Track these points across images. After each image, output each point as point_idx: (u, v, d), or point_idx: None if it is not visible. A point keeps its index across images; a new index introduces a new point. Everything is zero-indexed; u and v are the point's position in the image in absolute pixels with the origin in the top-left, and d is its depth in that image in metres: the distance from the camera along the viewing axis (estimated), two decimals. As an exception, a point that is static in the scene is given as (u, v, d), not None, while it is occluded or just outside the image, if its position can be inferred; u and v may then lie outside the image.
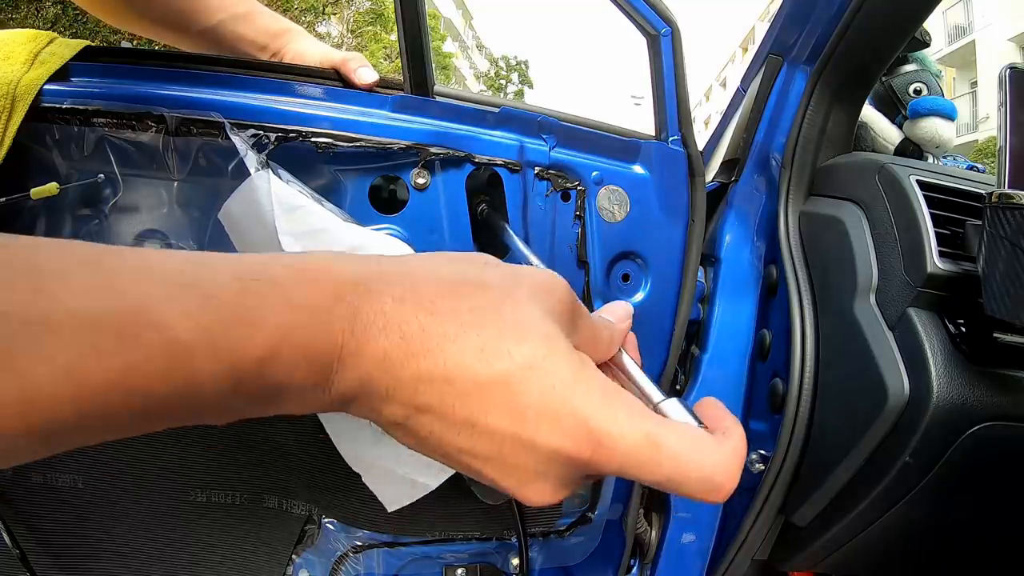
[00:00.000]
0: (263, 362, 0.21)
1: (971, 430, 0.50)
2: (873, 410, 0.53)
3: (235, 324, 0.20)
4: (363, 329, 0.22)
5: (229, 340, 0.20)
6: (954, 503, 0.55)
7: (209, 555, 0.64)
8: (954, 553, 0.61)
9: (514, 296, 0.25)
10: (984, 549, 0.61)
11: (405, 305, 0.23)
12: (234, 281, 0.21)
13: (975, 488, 0.54)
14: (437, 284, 0.24)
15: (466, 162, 0.56)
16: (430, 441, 0.24)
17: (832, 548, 0.62)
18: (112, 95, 0.50)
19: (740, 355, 0.69)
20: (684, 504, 0.70)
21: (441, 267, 0.25)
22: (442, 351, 0.23)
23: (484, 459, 0.24)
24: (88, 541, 0.61)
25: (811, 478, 0.61)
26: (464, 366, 0.23)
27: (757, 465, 0.67)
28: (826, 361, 0.61)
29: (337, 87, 0.56)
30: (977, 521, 0.58)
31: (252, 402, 0.22)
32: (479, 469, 0.25)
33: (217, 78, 0.53)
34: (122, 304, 0.18)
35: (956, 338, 0.52)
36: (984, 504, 0.56)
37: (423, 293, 0.23)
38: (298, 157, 0.52)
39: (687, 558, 0.72)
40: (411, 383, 0.23)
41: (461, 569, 0.69)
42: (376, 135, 0.53)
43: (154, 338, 0.18)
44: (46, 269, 0.18)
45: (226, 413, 0.22)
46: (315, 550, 0.66)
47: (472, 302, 0.24)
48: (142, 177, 0.52)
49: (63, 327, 0.17)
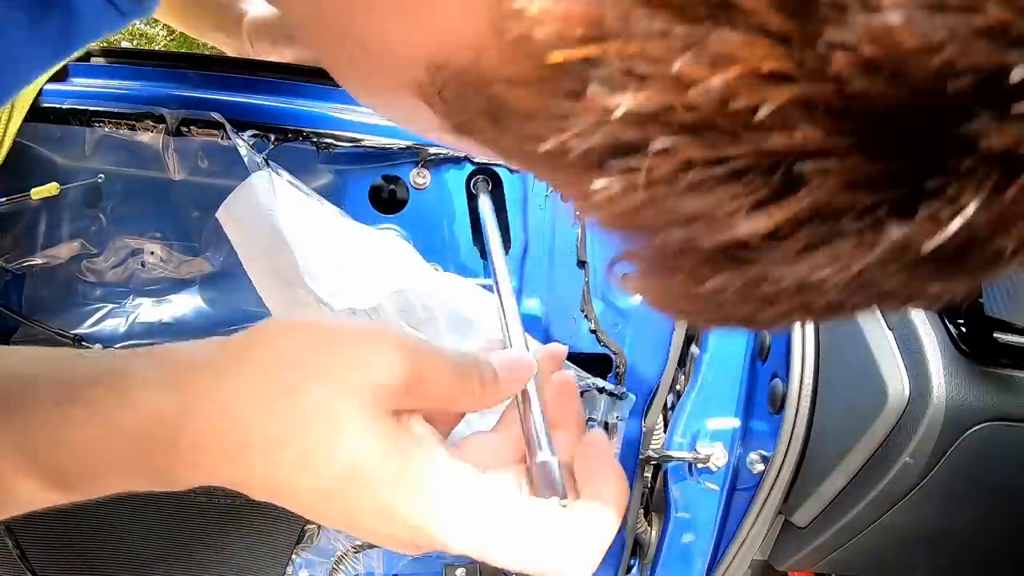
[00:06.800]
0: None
1: (971, 430, 0.50)
2: (873, 410, 0.53)
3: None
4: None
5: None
6: (954, 503, 0.55)
7: (209, 555, 0.64)
8: (954, 553, 0.61)
9: (321, 403, 0.24)
10: (984, 549, 0.61)
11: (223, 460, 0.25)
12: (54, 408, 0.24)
13: (975, 488, 0.54)
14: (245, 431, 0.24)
15: (466, 162, 0.56)
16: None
17: (832, 548, 0.62)
18: (112, 95, 0.50)
19: (740, 355, 0.69)
20: (684, 504, 0.70)
21: (248, 399, 0.24)
22: (265, 470, 0.24)
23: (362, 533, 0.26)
24: (88, 541, 0.61)
25: (811, 478, 0.61)
26: (291, 482, 0.24)
27: (757, 465, 0.67)
28: (826, 361, 0.61)
29: (337, 87, 0.56)
30: (977, 521, 0.58)
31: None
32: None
33: (217, 78, 0.53)
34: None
35: (956, 338, 0.52)
36: (984, 504, 0.56)
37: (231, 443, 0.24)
38: (298, 157, 0.52)
39: (687, 558, 0.72)
40: (234, 482, 0.26)
41: (461, 569, 0.69)
42: (376, 135, 0.53)
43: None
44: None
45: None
46: (315, 550, 0.66)
47: (282, 427, 0.24)
48: (142, 177, 0.52)
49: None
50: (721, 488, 0.69)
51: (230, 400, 0.24)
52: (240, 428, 0.23)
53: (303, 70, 0.56)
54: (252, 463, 0.24)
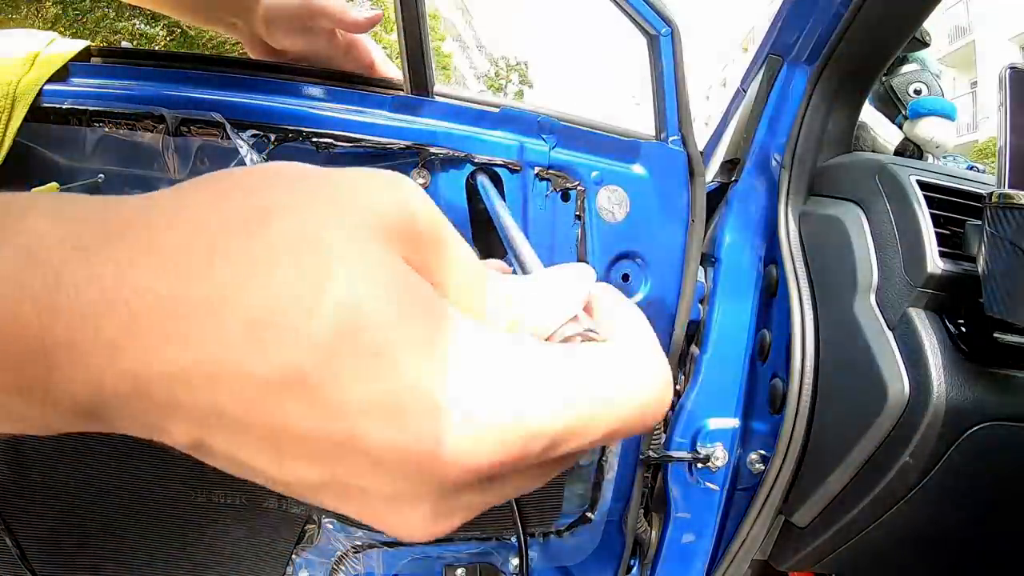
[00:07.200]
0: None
1: (971, 430, 0.50)
2: (873, 410, 0.53)
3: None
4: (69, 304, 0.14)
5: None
6: (954, 503, 0.55)
7: (209, 555, 0.64)
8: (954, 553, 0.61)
9: (304, 230, 0.16)
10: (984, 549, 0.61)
11: (135, 269, 0.15)
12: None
13: (975, 488, 0.54)
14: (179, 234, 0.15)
15: (466, 162, 0.56)
16: (227, 466, 0.17)
17: (832, 548, 0.62)
18: (112, 95, 0.50)
19: (740, 355, 0.69)
20: (684, 504, 0.70)
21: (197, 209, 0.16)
22: (216, 343, 0.15)
23: (310, 488, 0.17)
24: (88, 541, 0.61)
25: (811, 478, 0.61)
26: (254, 354, 0.15)
27: (757, 465, 0.67)
28: (826, 361, 0.61)
29: (337, 87, 0.56)
30: (977, 521, 0.58)
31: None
32: (314, 498, 0.17)
33: (217, 78, 0.53)
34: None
35: (956, 338, 0.52)
36: (984, 504, 0.56)
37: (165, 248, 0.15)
38: (298, 157, 0.52)
39: (687, 558, 0.72)
40: (161, 382, 0.15)
41: (461, 569, 0.69)
42: (376, 135, 0.53)
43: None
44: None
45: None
46: (315, 550, 0.66)
47: (244, 270, 0.15)
48: (142, 177, 0.52)
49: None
50: (721, 488, 0.69)
51: (161, 246, 0.15)
52: (178, 282, 0.15)
53: (303, 70, 0.57)
54: (194, 335, 0.14)
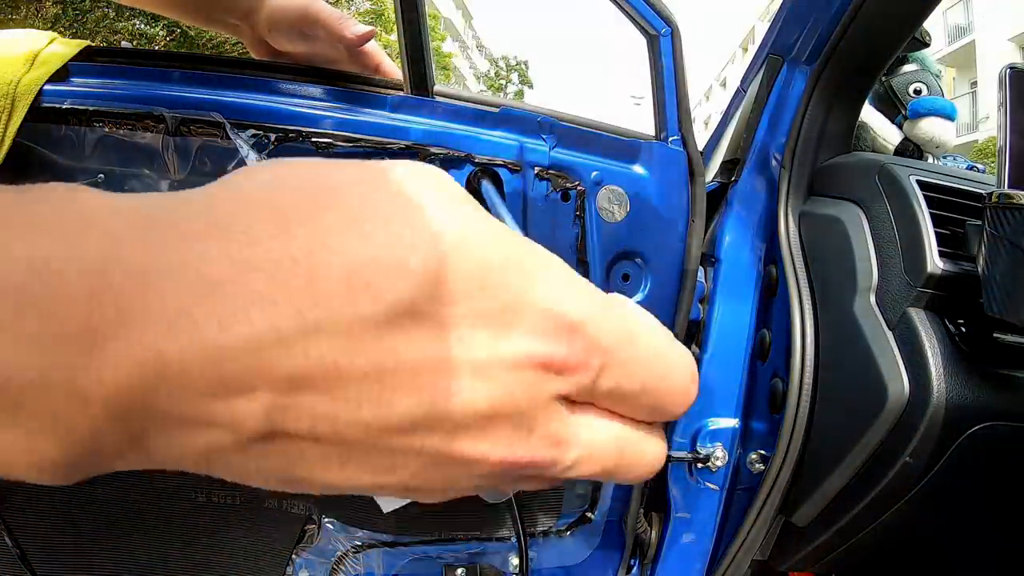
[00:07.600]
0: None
1: (971, 430, 0.50)
2: (873, 410, 0.53)
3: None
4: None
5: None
6: (954, 503, 0.55)
7: (209, 555, 0.64)
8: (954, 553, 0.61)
9: (386, 191, 0.16)
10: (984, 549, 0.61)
11: (202, 240, 0.14)
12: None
13: (975, 488, 0.54)
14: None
15: (466, 162, 0.56)
16: (288, 454, 0.15)
17: (832, 548, 0.62)
18: (112, 95, 0.50)
19: (740, 355, 0.69)
20: (684, 504, 0.70)
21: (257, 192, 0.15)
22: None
23: (410, 424, 0.15)
24: (88, 541, 0.61)
25: (811, 478, 0.61)
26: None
27: (757, 465, 0.67)
28: (826, 361, 0.61)
29: (337, 87, 0.56)
30: (977, 521, 0.58)
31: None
32: (407, 441, 0.15)
33: (217, 78, 0.53)
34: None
35: (956, 338, 0.52)
36: (984, 504, 0.56)
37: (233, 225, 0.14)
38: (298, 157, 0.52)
39: (687, 558, 0.72)
40: (245, 347, 0.13)
41: (461, 569, 0.69)
42: (376, 135, 0.53)
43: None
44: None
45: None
46: (315, 550, 0.66)
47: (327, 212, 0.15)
48: (142, 177, 0.52)
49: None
50: (721, 488, 0.69)
51: (230, 217, 0.14)
52: (256, 247, 0.14)
53: (303, 70, 0.56)
54: (280, 294, 0.13)
